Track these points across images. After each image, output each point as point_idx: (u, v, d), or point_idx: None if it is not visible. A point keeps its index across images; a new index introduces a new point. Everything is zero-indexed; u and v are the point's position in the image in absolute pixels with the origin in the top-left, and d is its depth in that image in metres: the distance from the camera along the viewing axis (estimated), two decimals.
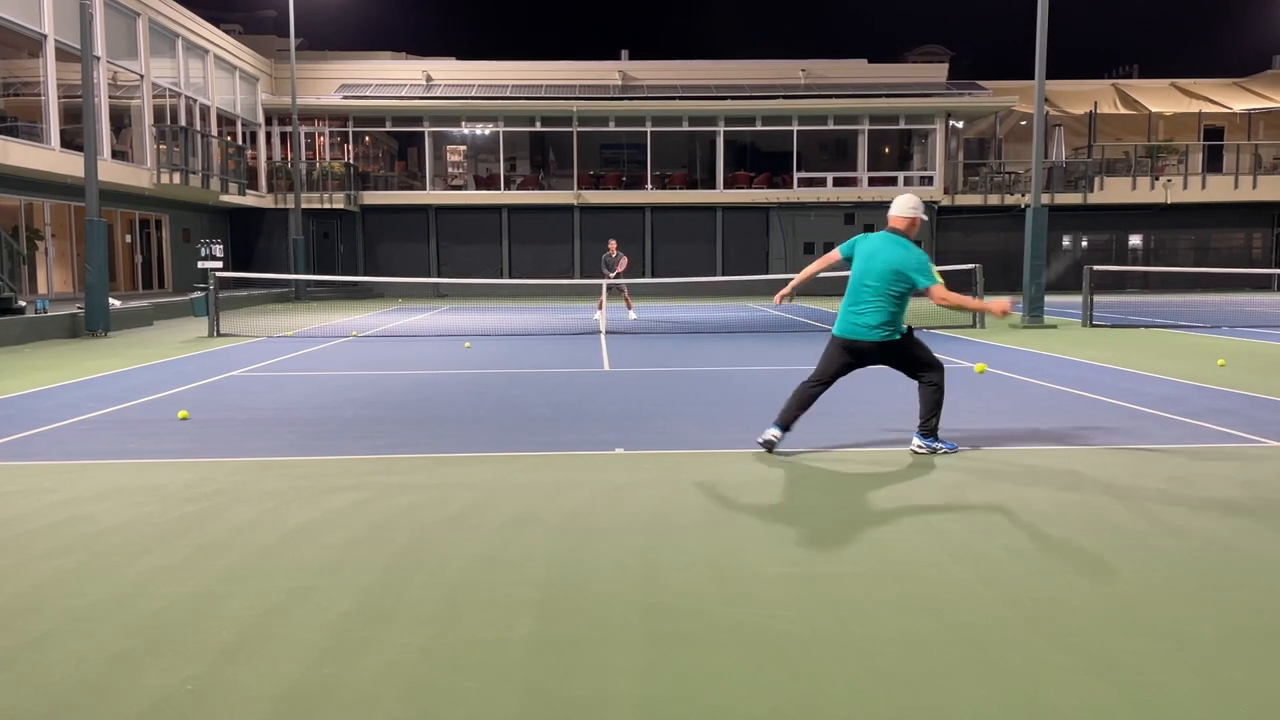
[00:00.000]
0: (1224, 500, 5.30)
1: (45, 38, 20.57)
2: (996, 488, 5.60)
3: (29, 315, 16.37)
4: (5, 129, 19.53)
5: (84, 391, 9.83)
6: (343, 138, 34.94)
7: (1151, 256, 35.90)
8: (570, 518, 5.03)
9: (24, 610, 3.77)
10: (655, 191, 34.35)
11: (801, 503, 5.32)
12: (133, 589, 4.00)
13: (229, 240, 32.58)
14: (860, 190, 33.99)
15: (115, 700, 3.00)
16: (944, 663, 3.23)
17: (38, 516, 5.11)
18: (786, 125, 34.00)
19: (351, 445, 7.04)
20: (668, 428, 7.66)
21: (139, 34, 24.99)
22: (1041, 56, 17.61)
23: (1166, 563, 4.27)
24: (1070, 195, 33.78)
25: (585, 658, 3.29)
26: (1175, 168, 34.87)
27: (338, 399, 9.28)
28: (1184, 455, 6.49)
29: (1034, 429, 7.49)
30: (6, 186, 20.60)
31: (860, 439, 7.15)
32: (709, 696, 3.00)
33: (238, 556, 4.42)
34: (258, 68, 33.39)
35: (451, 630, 3.54)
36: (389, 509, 5.22)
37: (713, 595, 3.89)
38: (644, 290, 31.17)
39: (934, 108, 33.71)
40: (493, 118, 34.45)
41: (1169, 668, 3.19)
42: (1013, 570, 4.17)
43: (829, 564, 4.28)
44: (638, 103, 33.88)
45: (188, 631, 3.54)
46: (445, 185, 35.51)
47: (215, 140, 28.46)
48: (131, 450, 6.89)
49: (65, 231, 23.77)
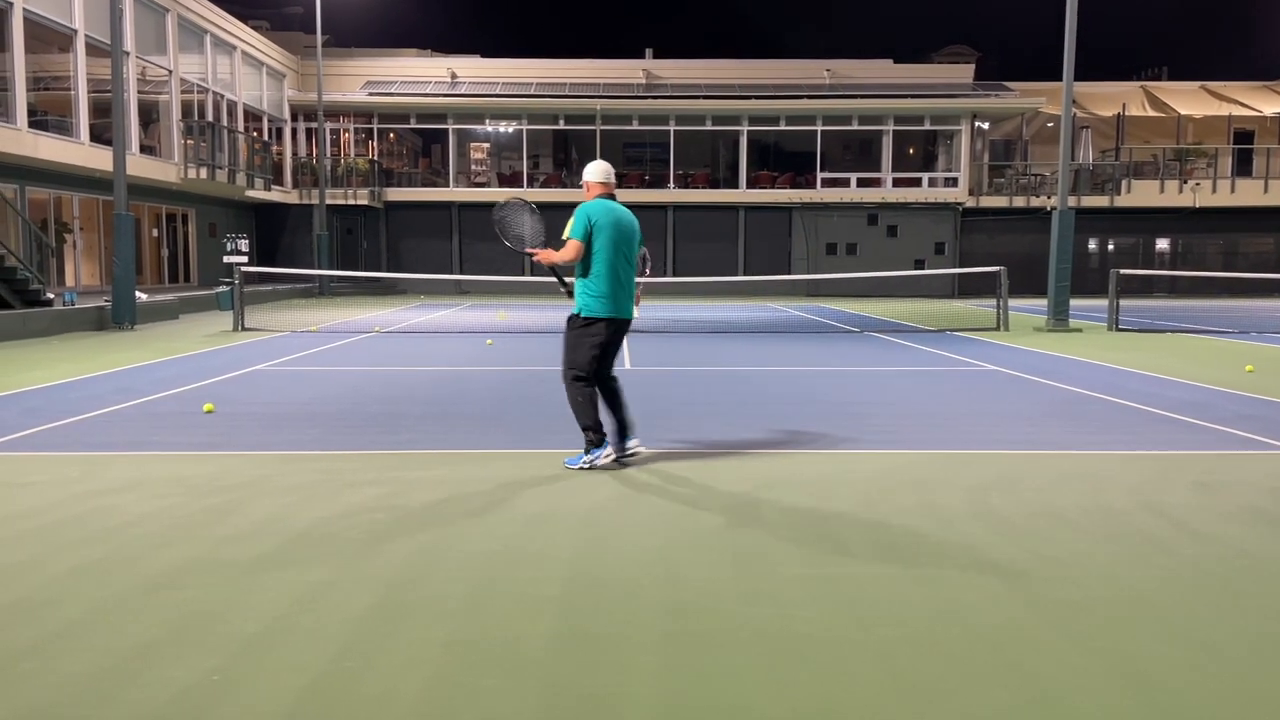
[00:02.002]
0: (1251, 507, 5.24)
1: (75, 33, 20.78)
2: (1019, 492, 5.56)
3: (57, 307, 16.56)
4: (36, 123, 19.74)
5: (110, 384, 9.93)
6: (367, 134, 35.11)
7: (1179, 260, 35.53)
8: (591, 515, 5.04)
9: (50, 600, 3.81)
10: (678, 190, 34.32)
11: (822, 503, 5.30)
12: (157, 580, 4.03)
13: (254, 235, 32.82)
14: (884, 191, 33.83)
15: (140, 690, 3.02)
16: (965, 666, 3.21)
17: (63, 507, 5.17)
18: (810, 125, 33.89)
19: (374, 440, 7.07)
20: (688, 426, 7.65)
21: (168, 30, 25.21)
22: (1070, 57, 17.46)
23: (1191, 569, 4.23)
24: (1097, 198, 33.49)
25: (605, 655, 3.29)
26: (1204, 171, 34.51)
27: (360, 394, 9.33)
28: (1210, 461, 6.43)
29: (1058, 433, 7.43)
30: (36, 180, 20.84)
31: (883, 441, 7.12)
32: (728, 696, 2.99)
33: (261, 549, 4.45)
34: (284, 64, 33.61)
35: (472, 625, 3.55)
36: (410, 504, 5.25)
37: (733, 595, 3.88)
38: (665, 289, 31.15)
39: (960, 108, 33.50)
40: (516, 116, 34.53)
41: (1192, 675, 3.16)
42: (1035, 574, 4.14)
43: (850, 565, 4.26)
44: (661, 101, 33.86)
45: (211, 623, 3.57)
46: (468, 182, 35.62)
47: (241, 136, 28.66)
48: (156, 442, 6.95)
49: (93, 225, 24.01)
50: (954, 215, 33.99)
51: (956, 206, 33.87)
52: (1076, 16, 17.28)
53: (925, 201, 33.81)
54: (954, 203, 33.78)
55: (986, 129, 35.45)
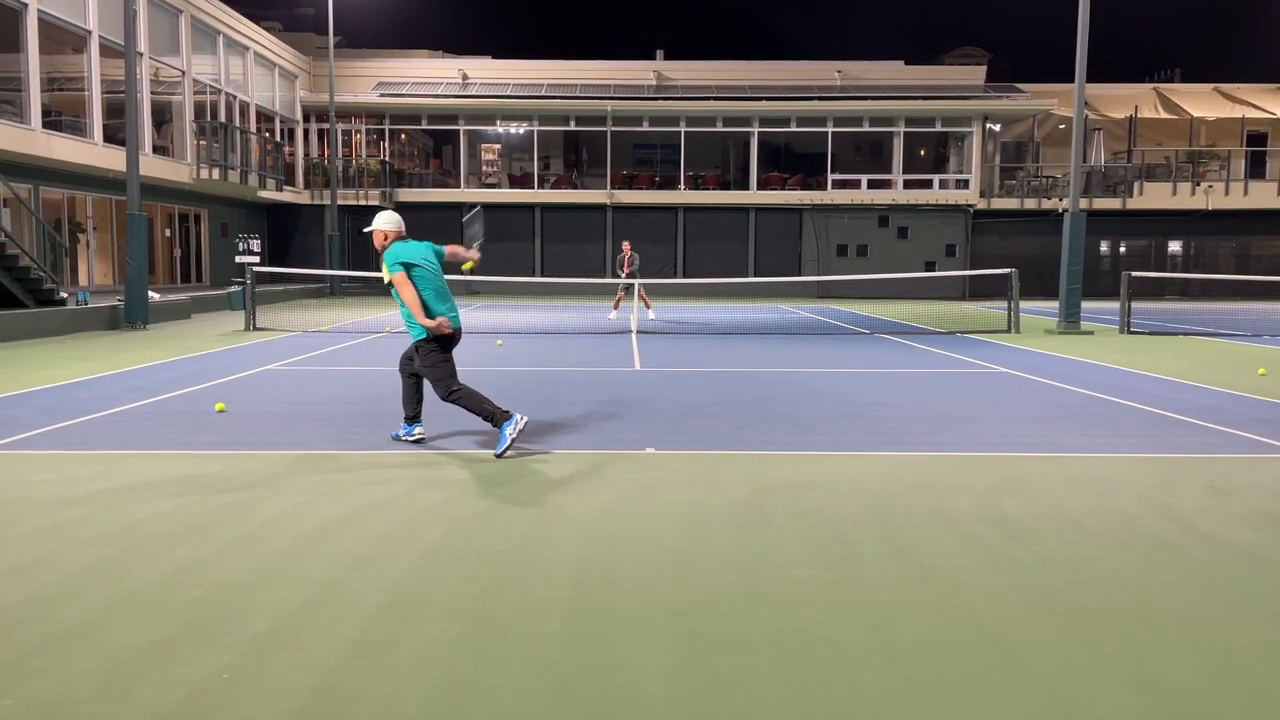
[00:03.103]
0: (1263, 512, 5.21)
1: (90, 34, 20.90)
2: (1030, 495, 5.55)
3: (70, 307, 16.65)
4: (50, 124, 19.85)
5: (123, 383, 9.98)
6: (379, 135, 35.19)
7: (1191, 263, 35.33)
8: (600, 516, 5.04)
9: (63, 597, 3.84)
10: (688, 192, 34.29)
11: (832, 505, 5.30)
12: (169, 578, 4.05)
13: (266, 235, 32.92)
14: (895, 193, 33.75)
15: (152, 687, 3.04)
16: (976, 669, 3.21)
17: (77, 505, 5.20)
18: (821, 126, 33.83)
19: (384, 440, 7.09)
20: (698, 428, 7.65)
21: (181, 31, 25.33)
22: (1082, 59, 17.40)
23: (1203, 573, 4.21)
24: (1109, 200, 33.35)
25: (615, 656, 3.30)
26: (1217, 173, 34.32)
27: (371, 394, 9.35)
28: (1222, 465, 6.40)
29: (1068, 436, 7.41)
30: (50, 180, 20.95)
31: (893, 443, 7.10)
32: (738, 697, 2.99)
33: (272, 548, 4.47)
34: (296, 65, 33.72)
35: (482, 625, 3.56)
36: (421, 504, 5.26)
37: (743, 597, 3.88)
38: (675, 290, 31.15)
39: (971, 110, 33.40)
40: (527, 117, 34.56)
41: (1203, 678, 3.15)
42: (1046, 578, 4.13)
43: (860, 568, 4.26)
44: (672, 103, 33.85)
45: (223, 621, 3.58)
46: (479, 183, 35.67)
47: (254, 136, 28.77)
48: (169, 441, 6.99)
49: (106, 225, 24.13)
50: (965, 217, 33.88)
51: (968, 208, 33.76)
52: (1089, 18, 17.22)
53: (936, 203, 33.72)
54: (965, 204, 33.66)
55: (998, 131, 35.33)
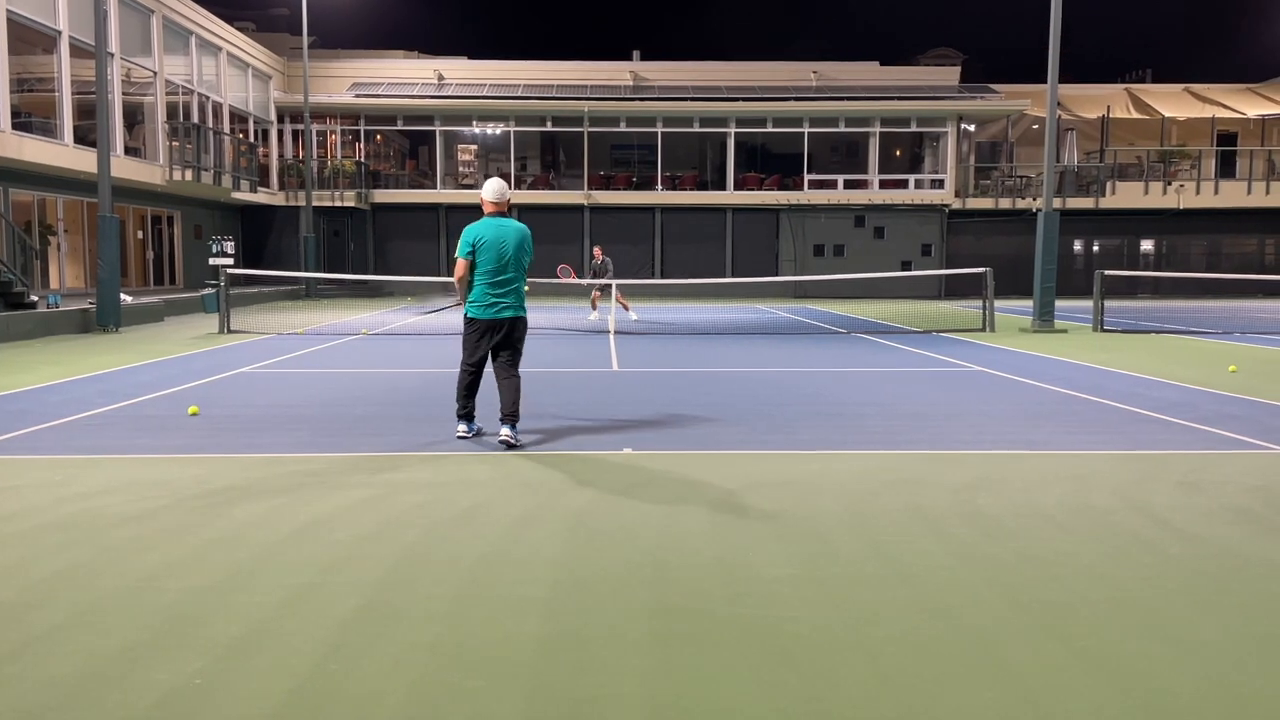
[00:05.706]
0: (1234, 506, 5.27)
1: (60, 34, 20.65)
2: (1006, 492, 5.59)
3: (41, 310, 16.44)
4: (20, 125, 19.61)
5: (95, 387, 9.87)
6: (354, 136, 34.99)
7: (1163, 262, 35.71)
8: (578, 517, 5.03)
9: (34, 603, 3.79)
10: (665, 192, 34.32)
11: (810, 504, 5.31)
12: (142, 583, 4.01)
13: (240, 237, 32.65)
14: (871, 193, 33.91)
15: (124, 693, 3.01)
16: (952, 666, 3.22)
17: (48, 510, 5.14)
18: (798, 127, 33.95)
19: (360, 443, 7.05)
20: (676, 428, 7.65)
21: (153, 31, 25.08)
22: (1054, 60, 17.54)
23: (1176, 568, 4.25)
24: (1082, 199, 33.64)
25: (592, 657, 3.29)
26: (1188, 173, 34.71)
27: (347, 396, 9.30)
28: (1195, 461, 6.46)
29: (1043, 433, 7.46)
30: (20, 182, 20.69)
31: (870, 442, 7.14)
32: (716, 697, 2.99)
33: (246, 552, 4.43)
34: (270, 65, 33.48)
35: (458, 628, 3.55)
36: (397, 507, 5.23)
37: (720, 596, 3.89)
38: (652, 291, 31.15)
39: (946, 110, 33.62)
40: (504, 117, 34.48)
41: (1178, 673, 3.18)
42: (1022, 574, 4.15)
43: (837, 566, 4.27)
44: (649, 103, 33.87)
45: (196, 626, 3.55)
46: (456, 184, 35.53)
47: (227, 137, 28.54)
48: (142, 445, 6.92)
49: (78, 227, 23.85)
50: (940, 217, 34.09)
51: (943, 208, 33.97)
52: (1061, 19, 17.37)
53: (912, 203, 33.91)
54: (940, 204, 33.87)
55: (972, 131, 35.57)
